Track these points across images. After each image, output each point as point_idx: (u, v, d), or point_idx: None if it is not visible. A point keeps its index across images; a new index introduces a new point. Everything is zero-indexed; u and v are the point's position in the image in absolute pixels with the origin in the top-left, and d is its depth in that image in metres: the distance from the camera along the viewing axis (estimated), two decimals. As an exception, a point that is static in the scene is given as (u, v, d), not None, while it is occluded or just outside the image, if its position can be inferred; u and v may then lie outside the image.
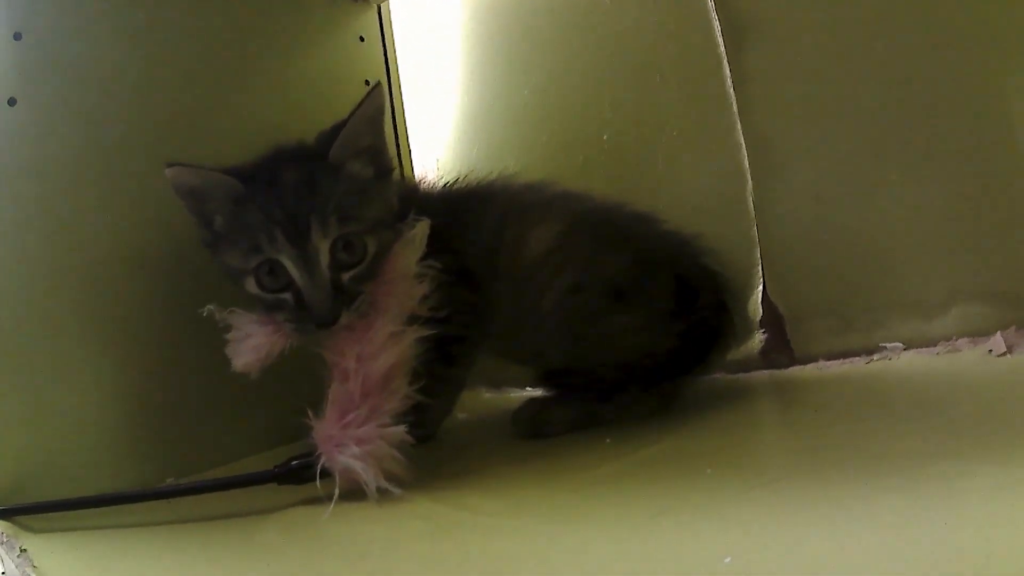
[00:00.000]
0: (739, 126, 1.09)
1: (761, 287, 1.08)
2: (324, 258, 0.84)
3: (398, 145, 1.48)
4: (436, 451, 1.06)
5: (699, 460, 0.76)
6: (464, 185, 1.06)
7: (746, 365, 1.04)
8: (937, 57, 0.94)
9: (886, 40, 0.98)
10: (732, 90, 1.10)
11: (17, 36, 1.02)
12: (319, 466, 0.82)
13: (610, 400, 0.95)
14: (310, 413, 0.84)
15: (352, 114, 0.89)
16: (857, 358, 0.98)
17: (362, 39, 1.46)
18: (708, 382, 1.03)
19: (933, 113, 0.95)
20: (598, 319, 0.95)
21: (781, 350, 1.05)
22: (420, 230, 0.89)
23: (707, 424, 0.87)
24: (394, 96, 1.49)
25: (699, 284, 0.97)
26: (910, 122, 0.97)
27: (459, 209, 1.01)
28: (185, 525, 0.89)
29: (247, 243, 0.86)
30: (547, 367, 1.01)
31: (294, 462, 0.86)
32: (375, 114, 0.91)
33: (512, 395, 1.26)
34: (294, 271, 0.84)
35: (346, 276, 0.85)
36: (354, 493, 0.80)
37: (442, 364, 0.95)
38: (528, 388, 1.22)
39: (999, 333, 0.90)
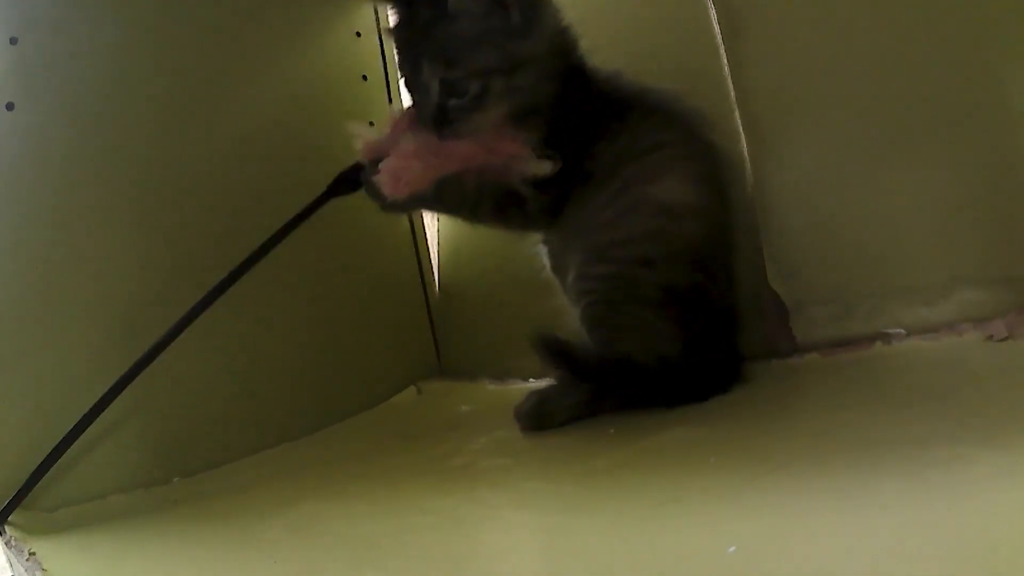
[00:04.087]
0: (737, 114, 1.08)
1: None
2: (434, 88, 0.96)
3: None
4: (440, 444, 1.07)
5: (703, 449, 0.77)
6: (661, 92, 1.04)
7: (748, 352, 1.04)
8: (936, 42, 0.94)
9: (884, 25, 0.97)
10: (729, 78, 1.09)
11: (13, 40, 1.03)
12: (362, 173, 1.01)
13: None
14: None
15: None
16: (859, 344, 0.98)
17: (358, 34, 1.46)
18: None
19: (933, 98, 0.95)
20: (634, 301, 0.95)
21: (783, 337, 1.05)
22: (539, 167, 0.96)
23: (710, 413, 0.87)
24: (391, 89, 1.49)
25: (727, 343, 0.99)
26: (910, 107, 0.96)
27: (623, 103, 1.02)
28: (193, 524, 0.90)
29: (399, 56, 1.02)
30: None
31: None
32: None
33: (515, 387, 1.26)
34: (416, 90, 1.00)
35: (451, 103, 0.96)
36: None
37: (495, 205, 1.01)
38: (531, 380, 1.23)
39: (1000, 318, 0.90)
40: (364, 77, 1.45)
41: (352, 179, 1.05)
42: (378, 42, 1.49)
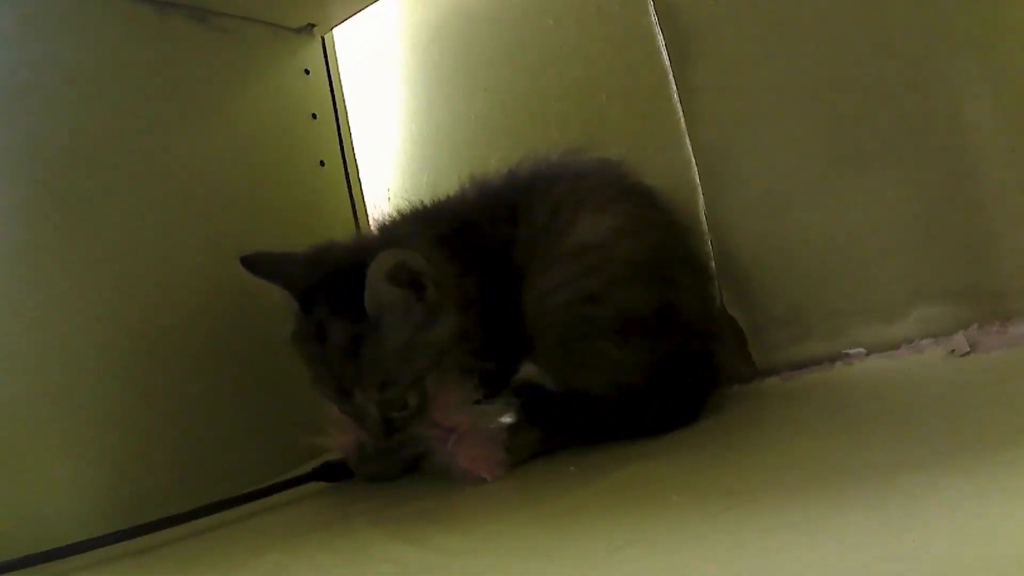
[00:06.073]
0: (688, 140, 1.08)
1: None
2: (372, 410, 0.92)
3: (348, 177, 1.47)
4: (399, 488, 1.05)
5: (664, 485, 0.75)
6: (532, 165, 1.02)
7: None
8: (885, 60, 0.95)
9: (833, 46, 0.98)
10: (679, 104, 1.09)
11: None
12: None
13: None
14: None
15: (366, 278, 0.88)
16: (819, 366, 0.98)
17: (307, 72, 1.45)
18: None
19: (885, 116, 0.95)
20: (592, 339, 0.93)
21: (742, 363, 1.04)
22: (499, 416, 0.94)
23: (671, 445, 0.86)
24: (341, 127, 1.48)
25: (702, 363, 0.96)
26: (862, 126, 0.97)
27: (522, 191, 0.99)
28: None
29: (312, 372, 0.94)
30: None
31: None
32: (391, 272, 0.88)
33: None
34: (350, 414, 0.95)
35: (395, 415, 0.92)
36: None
37: None
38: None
39: (961, 332, 0.90)
40: (314, 115, 1.44)
41: (339, 470, 1.05)
42: (327, 79, 1.49)
